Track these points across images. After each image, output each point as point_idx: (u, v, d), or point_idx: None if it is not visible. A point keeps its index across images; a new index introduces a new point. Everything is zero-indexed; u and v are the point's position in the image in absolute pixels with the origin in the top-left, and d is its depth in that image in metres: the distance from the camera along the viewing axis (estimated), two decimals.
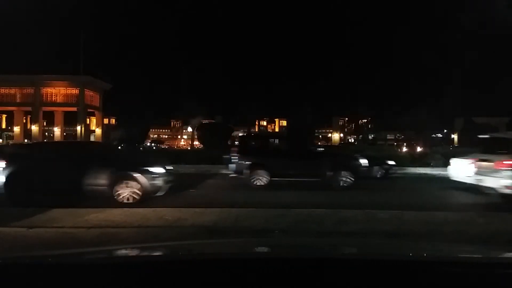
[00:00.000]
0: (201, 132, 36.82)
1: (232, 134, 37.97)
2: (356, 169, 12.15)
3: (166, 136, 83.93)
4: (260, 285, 1.17)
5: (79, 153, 9.92)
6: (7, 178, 8.92)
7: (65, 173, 8.86)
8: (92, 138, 45.46)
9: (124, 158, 11.61)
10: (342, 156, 13.87)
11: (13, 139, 43.14)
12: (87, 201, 8.51)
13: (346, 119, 79.63)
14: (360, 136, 72.90)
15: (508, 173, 8.70)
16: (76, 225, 6.33)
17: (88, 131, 42.37)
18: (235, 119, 52.27)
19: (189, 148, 45.17)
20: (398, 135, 71.71)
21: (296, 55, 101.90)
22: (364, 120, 75.98)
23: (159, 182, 9.06)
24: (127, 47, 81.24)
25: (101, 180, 8.84)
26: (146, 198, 8.86)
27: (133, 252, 1.68)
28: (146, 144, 64.05)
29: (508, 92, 38.27)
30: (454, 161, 11.88)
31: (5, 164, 9.07)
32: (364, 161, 12.83)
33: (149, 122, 60.55)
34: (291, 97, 67.76)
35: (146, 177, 8.91)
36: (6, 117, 56.28)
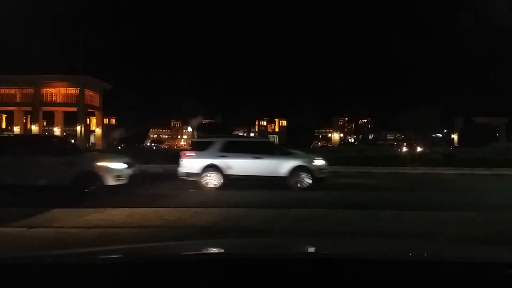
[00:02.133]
0: (201, 132, 36.86)
1: (232, 134, 37.89)
2: None
3: (166, 136, 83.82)
4: (260, 285, 1.18)
5: None
6: None
7: None
8: (92, 139, 45.54)
9: None
10: None
11: None
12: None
13: (346, 119, 79.60)
14: (360, 136, 72.93)
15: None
16: (76, 225, 6.33)
17: (88, 131, 42.41)
18: (235, 119, 52.29)
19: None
20: (398, 135, 71.71)
21: (297, 55, 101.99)
22: (364, 120, 75.91)
23: None
24: (127, 47, 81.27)
25: None
26: None
27: (133, 252, 1.68)
28: (146, 144, 64.04)
29: (508, 92, 38.31)
30: None
31: None
32: None
33: (149, 122, 60.60)
34: (291, 97, 67.81)
35: None
36: (6, 117, 56.29)
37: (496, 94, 43.85)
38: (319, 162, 12.04)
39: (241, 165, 11.58)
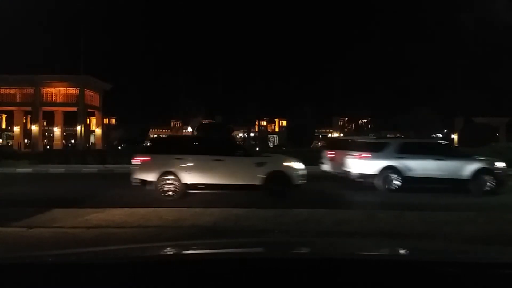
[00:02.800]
0: (201, 132, 36.78)
1: (232, 134, 37.76)
2: None
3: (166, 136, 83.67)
4: (260, 285, 1.17)
5: None
6: None
7: None
8: (92, 139, 45.56)
9: None
10: None
11: (12, 139, 43.15)
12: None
13: (346, 119, 79.64)
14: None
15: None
16: (76, 225, 6.33)
17: (88, 131, 42.40)
18: (235, 119, 52.29)
19: None
20: (398, 135, 71.74)
21: (297, 55, 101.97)
22: (364, 120, 75.87)
23: None
24: (127, 47, 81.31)
25: None
26: None
27: (133, 252, 1.68)
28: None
29: (508, 92, 38.29)
30: None
31: None
32: None
33: (149, 122, 60.53)
34: (291, 97, 67.78)
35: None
36: (6, 117, 56.28)
37: (496, 94, 43.72)
38: (500, 164, 11.55)
39: (421, 167, 11.21)
